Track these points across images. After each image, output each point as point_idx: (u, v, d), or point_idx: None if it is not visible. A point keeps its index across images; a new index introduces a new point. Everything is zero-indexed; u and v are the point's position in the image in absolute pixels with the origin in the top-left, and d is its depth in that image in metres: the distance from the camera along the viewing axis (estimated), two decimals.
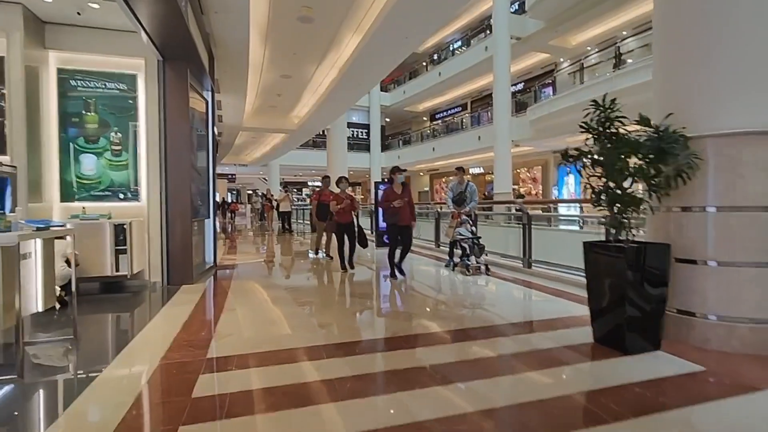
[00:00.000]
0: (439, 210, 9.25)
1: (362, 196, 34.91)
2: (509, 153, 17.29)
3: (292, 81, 10.37)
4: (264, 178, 33.28)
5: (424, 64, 27.69)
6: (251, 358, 2.85)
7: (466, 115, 25.12)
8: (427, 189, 30.69)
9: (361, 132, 28.63)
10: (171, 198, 5.44)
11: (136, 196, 5.34)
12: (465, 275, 5.91)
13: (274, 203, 16.23)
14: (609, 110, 3.02)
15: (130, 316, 4.44)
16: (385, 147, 29.16)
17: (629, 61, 13.85)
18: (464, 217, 6.52)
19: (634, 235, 3.04)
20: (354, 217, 6.77)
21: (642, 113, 3.09)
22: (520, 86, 22.54)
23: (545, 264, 5.98)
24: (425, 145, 24.78)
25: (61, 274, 4.18)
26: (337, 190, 6.90)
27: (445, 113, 28.47)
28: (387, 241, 6.82)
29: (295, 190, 35.38)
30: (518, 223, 7.40)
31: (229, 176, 26.80)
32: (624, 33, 16.02)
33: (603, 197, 3.07)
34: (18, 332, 2.57)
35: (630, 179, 3.01)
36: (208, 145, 6.80)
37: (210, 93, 6.83)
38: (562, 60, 19.61)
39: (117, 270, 4.93)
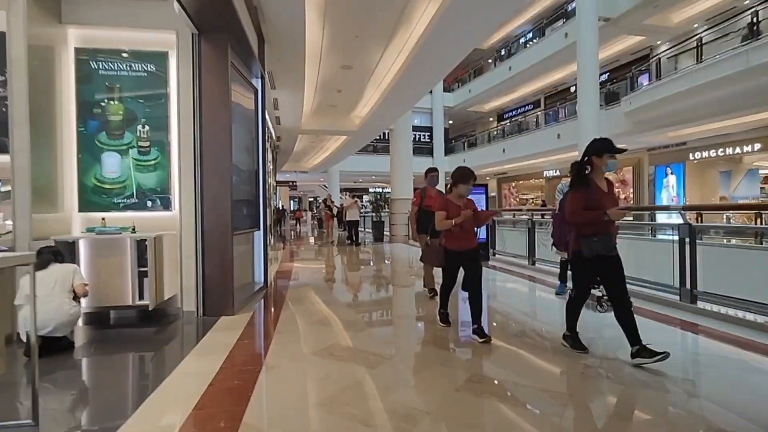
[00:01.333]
0: (531, 217, 7.51)
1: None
2: None
3: (353, 73, 9.17)
4: (324, 185, 32.88)
5: (490, 61, 25.76)
6: None
7: (539, 112, 22.79)
8: (494, 194, 28.46)
9: (423, 135, 27.17)
10: (207, 207, 4.32)
11: (167, 204, 4.27)
12: (599, 311, 4.19)
13: (335, 210, 15.23)
14: None
15: (139, 367, 3.28)
16: (448, 150, 27.47)
17: None
18: None
19: None
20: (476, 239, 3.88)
21: None
22: (603, 77, 19.92)
23: (718, 298, 4.10)
24: (493, 147, 22.78)
25: (64, 317, 3.10)
26: (455, 194, 3.79)
27: (514, 112, 26.24)
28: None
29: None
30: (638, 236, 5.55)
31: (291, 183, 26.54)
32: (747, 2, 13.21)
33: None
34: None
35: None
36: (259, 143, 5.69)
37: (260, 81, 5.73)
38: (659, 42, 16.88)
39: (141, 298, 3.85)
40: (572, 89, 21.89)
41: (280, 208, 27.81)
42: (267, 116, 9.14)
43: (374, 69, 9.11)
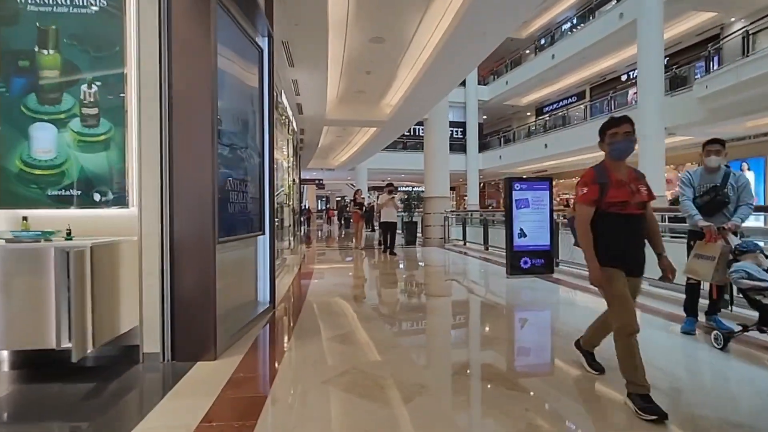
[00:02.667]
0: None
1: (454, 203, 31.80)
2: (662, 143, 12.97)
3: (385, 49, 7.73)
4: (351, 184, 31.68)
5: (527, 51, 23.82)
6: None
7: (584, 105, 20.71)
8: None
9: (456, 131, 25.45)
10: (180, 203, 2.97)
11: (122, 198, 2.96)
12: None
13: (366, 208, 13.79)
14: None
15: None
16: (482, 147, 25.65)
17: None
18: (739, 238, 3.22)
19: None
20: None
21: None
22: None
23: None
24: (534, 142, 20.84)
25: None
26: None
27: (555, 105, 24.17)
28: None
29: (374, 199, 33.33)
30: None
31: (317, 181, 25.41)
32: None
33: None
34: None
35: None
36: (264, 120, 4.33)
37: (266, 42, 4.37)
38: (732, 20, 14.64)
39: (70, 338, 2.53)
40: (623, 78, 19.76)
41: (306, 207, 26.77)
42: (281, 94, 7.84)
43: (409, 43, 7.64)
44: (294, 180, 12.76)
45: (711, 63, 12.28)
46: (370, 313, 4.49)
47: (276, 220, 8.19)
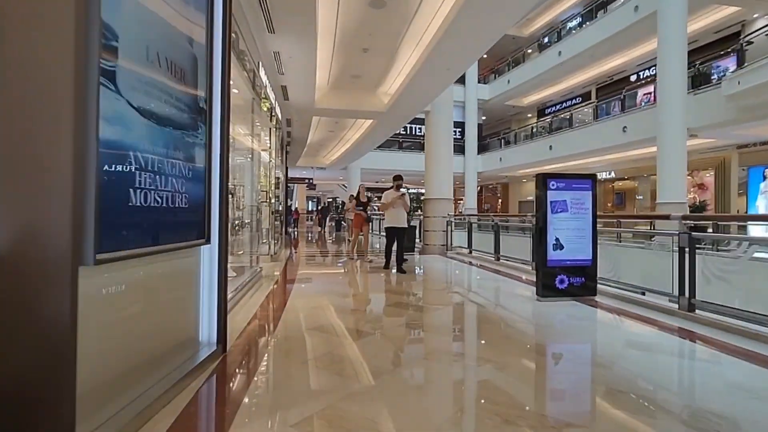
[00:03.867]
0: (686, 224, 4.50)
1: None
2: (684, 145, 11.75)
3: (386, 17, 6.37)
4: (343, 185, 30.25)
5: (530, 51, 22.67)
6: None
7: (590, 105, 19.56)
8: (531, 198, 25.24)
9: (454, 131, 24.10)
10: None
11: None
12: None
13: (371, 209, 12.37)
14: None
15: None
16: (482, 148, 24.41)
17: None
18: None
19: None
20: None
21: None
22: None
23: None
24: (537, 144, 19.62)
25: None
26: None
27: (557, 107, 23.04)
28: None
29: (376, 198, 31.93)
30: None
31: (308, 180, 23.89)
32: None
33: None
34: None
35: None
36: (213, 78, 2.92)
37: None
38: (756, 16, 13.57)
39: None
40: (632, 78, 18.66)
41: (294, 207, 25.25)
42: (258, 67, 6.35)
43: (414, 13, 6.30)
44: (278, 177, 11.32)
45: (743, 57, 11.11)
46: (364, 358, 3.07)
47: (245, 222, 6.78)
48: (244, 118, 6.53)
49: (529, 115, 25.66)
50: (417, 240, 10.72)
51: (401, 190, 7.32)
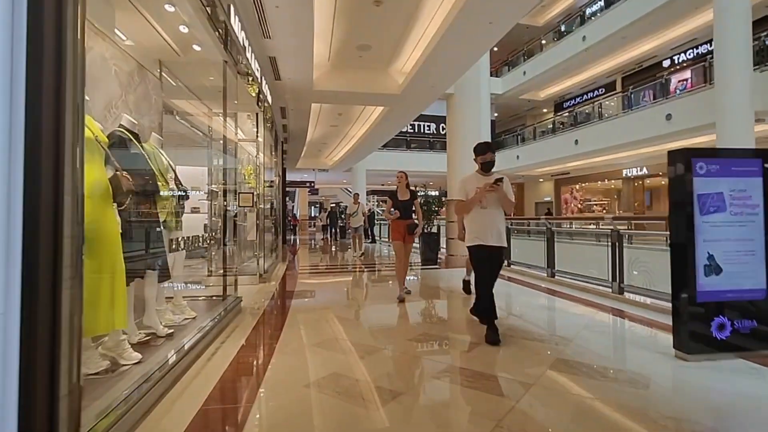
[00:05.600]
0: None
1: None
2: (750, 132, 9.79)
3: None
4: (347, 189, 28.36)
5: (543, 42, 20.80)
6: None
7: (613, 98, 17.62)
8: (549, 199, 23.31)
9: None
10: None
11: None
12: None
13: (366, 215, 10.70)
14: None
15: None
16: (497, 145, 22.45)
17: None
18: None
19: None
20: None
21: None
22: (704, 47, 14.72)
23: None
24: (560, 139, 17.66)
25: None
26: None
27: (578, 99, 21.12)
28: None
29: (380, 202, 30.05)
30: None
31: (309, 184, 21.98)
32: None
33: None
34: None
35: None
36: None
37: None
38: None
39: None
40: (665, 63, 16.72)
41: (293, 214, 23.37)
42: (231, 18, 4.28)
43: None
44: (272, 180, 9.43)
45: None
46: None
47: (215, 236, 4.82)
48: (208, 90, 4.66)
49: (545, 110, 23.76)
50: (441, 249, 8.77)
51: (493, 173, 3.63)
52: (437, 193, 23.16)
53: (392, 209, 5.03)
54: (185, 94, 4.85)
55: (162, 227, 3.31)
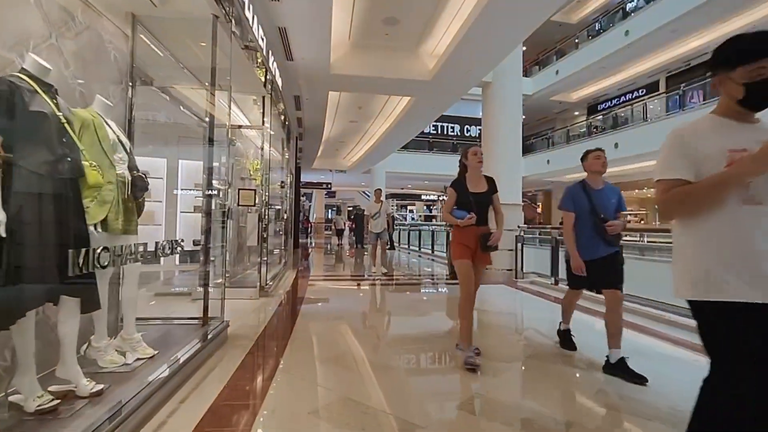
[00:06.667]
0: None
1: None
2: None
3: None
4: (365, 192, 27.34)
5: (576, 41, 19.38)
6: None
7: (657, 97, 16.10)
8: None
9: None
10: None
11: None
12: None
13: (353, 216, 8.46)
14: None
15: None
16: (525, 149, 21.05)
17: None
18: None
19: None
20: None
21: None
22: None
23: None
24: (597, 142, 16.17)
25: None
26: None
27: (614, 101, 19.59)
28: None
29: (394, 207, 28.90)
30: None
31: (326, 185, 20.98)
32: None
33: None
34: None
35: None
36: None
37: None
38: None
39: None
40: None
41: (305, 216, 22.41)
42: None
43: None
44: (282, 181, 8.41)
45: None
46: None
47: (197, 240, 3.63)
48: (196, 57, 3.64)
49: (576, 113, 22.27)
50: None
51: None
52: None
53: (457, 209, 3.11)
54: (169, 63, 3.81)
55: (98, 229, 2.24)
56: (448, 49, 6.14)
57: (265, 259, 5.80)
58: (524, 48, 16.66)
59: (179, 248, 2.55)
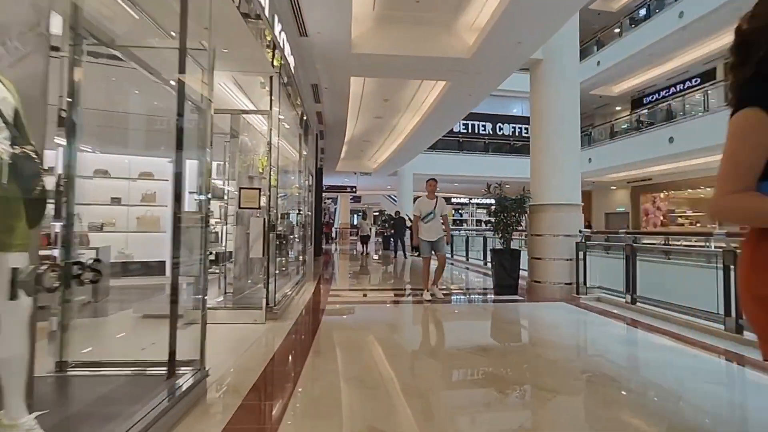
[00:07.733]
0: None
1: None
2: None
3: None
4: (391, 195, 26.24)
5: (617, 30, 17.71)
6: None
7: (710, 89, 14.25)
8: (623, 209, 19.89)
9: (525, 128, 19.60)
10: None
11: None
12: None
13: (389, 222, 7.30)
14: None
15: None
16: None
17: None
18: None
19: None
20: None
21: None
22: None
23: None
24: (648, 137, 14.49)
25: None
26: None
27: (663, 93, 17.76)
28: None
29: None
30: None
31: (350, 189, 20.00)
32: None
33: None
34: None
35: None
36: None
37: None
38: None
39: None
40: None
41: (326, 221, 21.48)
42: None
43: None
44: (299, 185, 7.42)
45: None
46: None
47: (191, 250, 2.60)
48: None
49: (618, 107, 20.47)
50: (522, 270, 6.27)
51: None
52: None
53: None
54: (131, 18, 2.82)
55: None
56: (494, 15, 4.97)
57: (276, 272, 4.75)
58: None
59: (90, 272, 1.49)
